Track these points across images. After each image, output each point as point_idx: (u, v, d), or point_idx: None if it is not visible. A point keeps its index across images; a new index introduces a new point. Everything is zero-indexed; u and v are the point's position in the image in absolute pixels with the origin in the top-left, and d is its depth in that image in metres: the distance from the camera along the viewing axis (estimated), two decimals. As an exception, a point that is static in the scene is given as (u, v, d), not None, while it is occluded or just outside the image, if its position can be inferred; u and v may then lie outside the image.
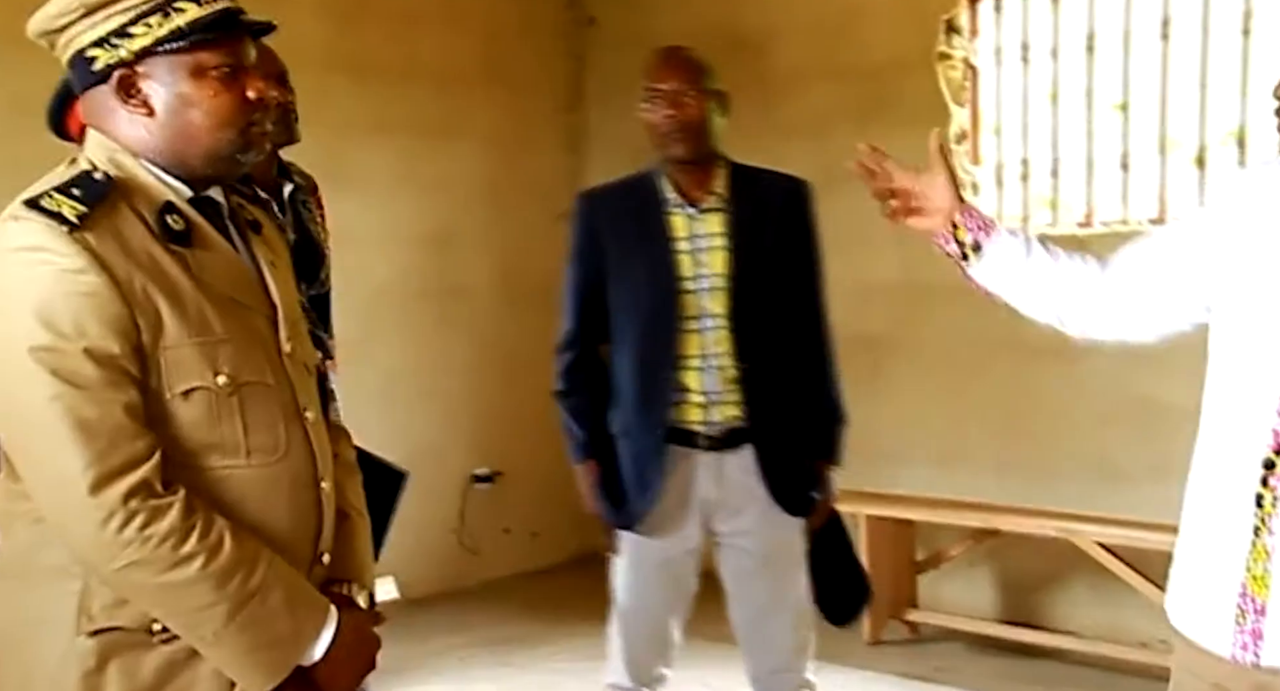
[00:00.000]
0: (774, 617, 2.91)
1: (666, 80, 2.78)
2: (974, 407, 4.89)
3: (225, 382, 1.59)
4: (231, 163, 1.67)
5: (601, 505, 2.91)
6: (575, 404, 2.94)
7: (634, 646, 2.94)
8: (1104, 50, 4.53)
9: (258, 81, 1.66)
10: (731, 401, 2.80)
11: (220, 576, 1.54)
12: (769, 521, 2.85)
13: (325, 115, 5.04)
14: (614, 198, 2.95)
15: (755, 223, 2.83)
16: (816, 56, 5.25)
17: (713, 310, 2.79)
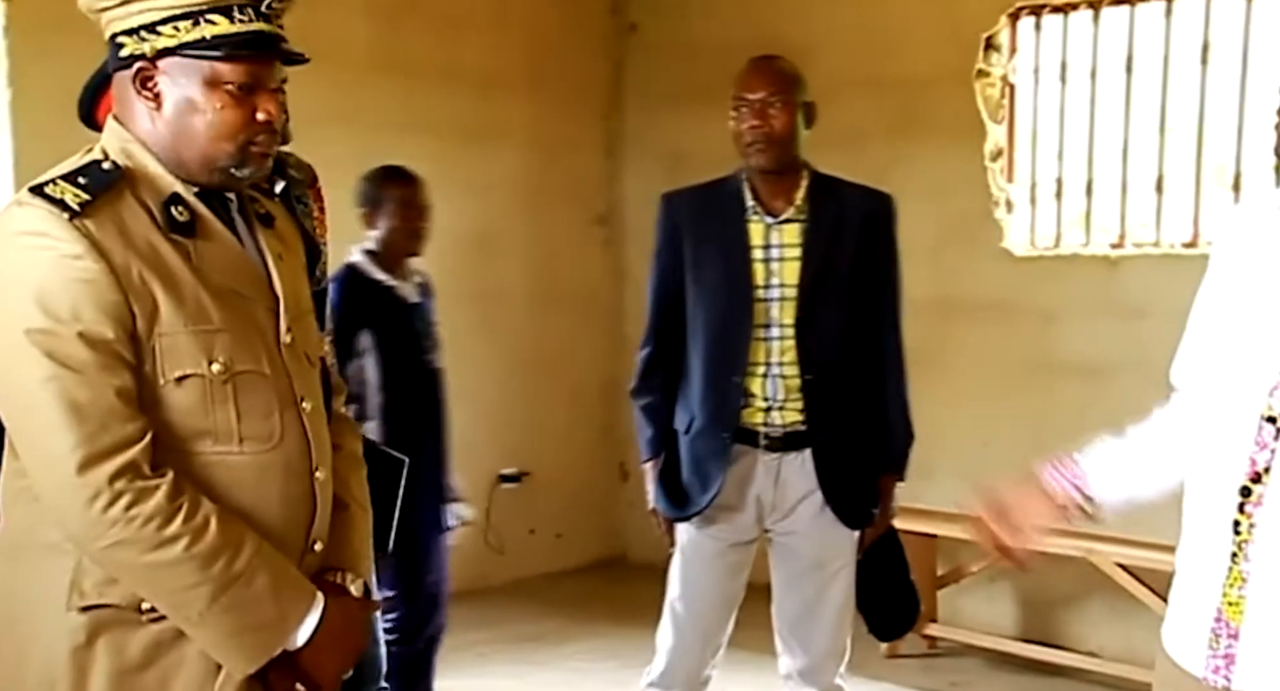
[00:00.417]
0: (815, 620, 2.94)
1: (754, 90, 2.80)
2: (1001, 425, 4.90)
3: (219, 370, 1.63)
4: (226, 175, 1.69)
5: (661, 500, 2.95)
6: (648, 402, 2.99)
7: (686, 645, 2.97)
8: (1142, 71, 4.53)
9: (271, 104, 1.68)
10: (793, 407, 2.84)
11: (204, 558, 1.58)
12: (820, 526, 2.89)
13: (366, 115, 5.12)
14: (696, 201, 2.97)
15: (832, 235, 2.84)
16: (854, 68, 5.26)
17: (781, 320, 2.82)
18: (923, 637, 4.78)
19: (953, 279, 5.05)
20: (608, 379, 5.96)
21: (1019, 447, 4.82)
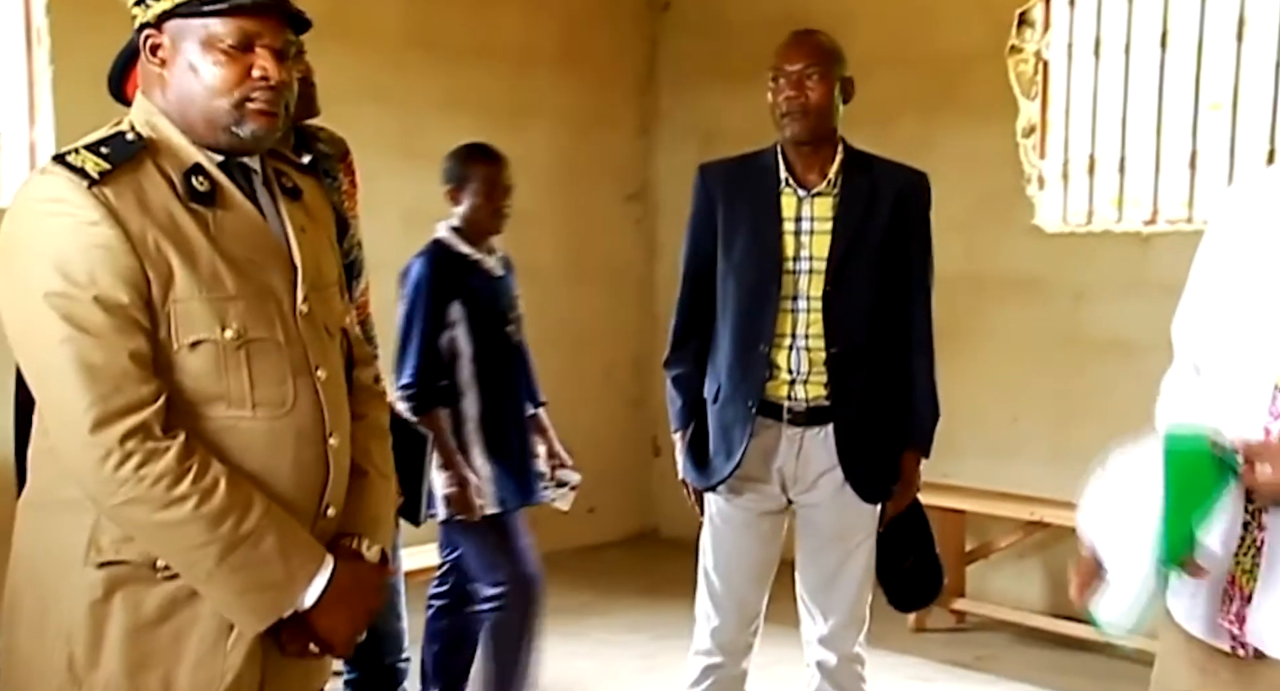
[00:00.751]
0: (835, 590, 2.97)
1: (793, 61, 2.82)
2: (1032, 400, 4.90)
3: (233, 337, 1.68)
4: (231, 136, 1.73)
5: (688, 467, 2.99)
6: (680, 372, 3.02)
7: (722, 612, 3.00)
8: (1177, 47, 4.51)
9: (269, 62, 1.71)
10: (817, 382, 2.86)
11: (212, 518, 1.63)
12: (841, 501, 2.91)
13: (401, 91, 5.17)
14: (731, 172, 2.99)
15: (864, 210, 2.86)
16: (886, 45, 5.25)
17: (809, 292, 2.84)
18: (950, 612, 4.81)
19: (984, 255, 5.05)
20: (640, 355, 6.00)
21: (1049, 425, 4.84)
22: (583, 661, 4.45)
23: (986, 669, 4.37)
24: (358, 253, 2.71)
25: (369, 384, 2.00)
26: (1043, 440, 4.82)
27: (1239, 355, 1.73)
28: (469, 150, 3.55)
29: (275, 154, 1.86)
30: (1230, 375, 1.74)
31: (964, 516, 4.83)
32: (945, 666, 4.38)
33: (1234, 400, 1.72)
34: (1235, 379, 1.73)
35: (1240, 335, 1.74)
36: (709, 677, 3.01)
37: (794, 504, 2.97)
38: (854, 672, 3.01)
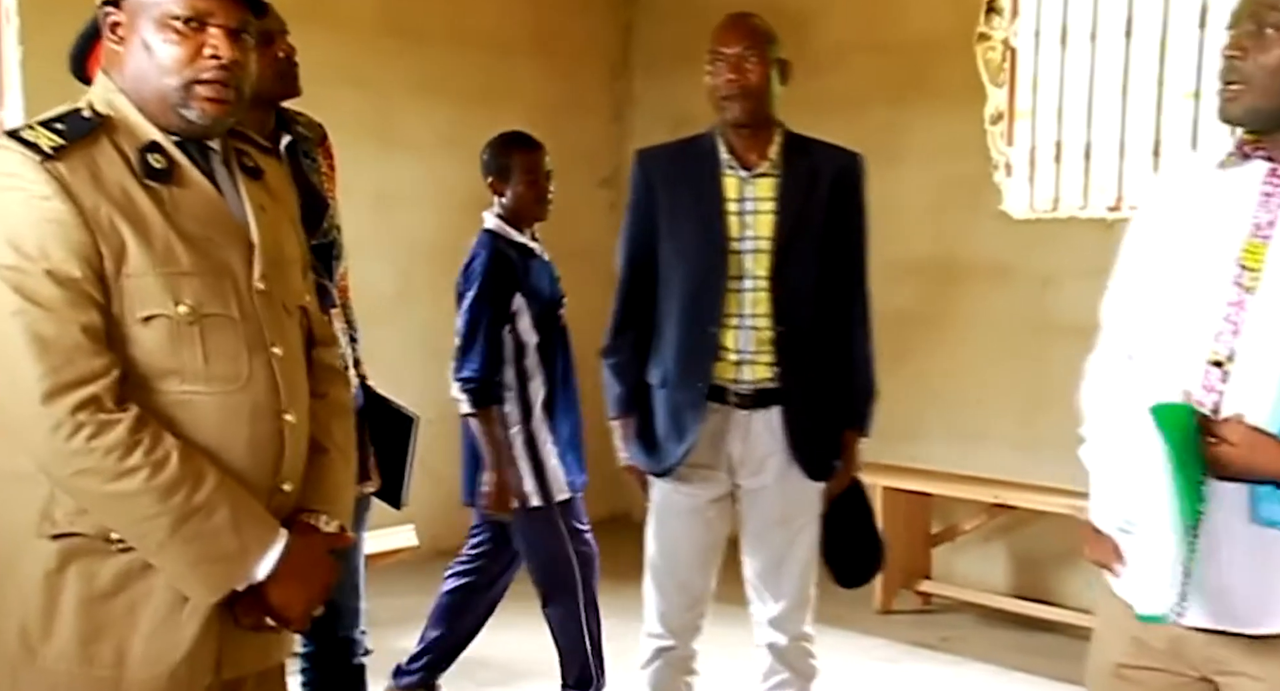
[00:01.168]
0: (782, 573, 3.00)
1: (730, 44, 2.85)
2: (998, 385, 4.96)
3: (186, 312, 1.70)
4: (179, 117, 1.74)
5: (638, 453, 3.01)
6: (619, 360, 3.03)
7: (666, 595, 3.04)
8: (1141, 35, 4.56)
9: (222, 43, 1.73)
10: (764, 362, 2.89)
11: (163, 490, 1.65)
12: (788, 481, 2.94)
13: (375, 77, 5.18)
14: (670, 157, 3.02)
15: (805, 190, 2.89)
16: (856, 32, 5.30)
17: (755, 272, 2.87)
18: (917, 594, 4.88)
19: (953, 241, 5.11)
20: (612, 339, 6.03)
21: (1015, 408, 4.90)
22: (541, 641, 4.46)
23: (952, 650, 4.43)
24: (337, 235, 2.73)
25: (330, 362, 2.02)
26: (1009, 424, 4.88)
27: (1171, 334, 1.79)
28: (508, 139, 3.60)
29: (236, 133, 1.88)
30: (1164, 353, 1.79)
31: (930, 499, 4.89)
32: (911, 647, 4.44)
33: (1168, 377, 1.77)
34: (1168, 357, 1.78)
35: (1172, 315, 1.79)
36: (659, 658, 3.05)
37: (740, 488, 2.99)
38: (804, 651, 3.04)
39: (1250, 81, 1.73)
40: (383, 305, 5.09)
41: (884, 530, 4.65)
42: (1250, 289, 1.72)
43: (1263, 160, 1.77)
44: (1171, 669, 1.83)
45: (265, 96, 2.54)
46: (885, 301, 5.23)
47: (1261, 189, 1.76)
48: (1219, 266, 1.75)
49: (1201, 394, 1.74)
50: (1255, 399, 1.70)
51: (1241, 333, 1.72)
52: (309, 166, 2.66)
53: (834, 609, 3.14)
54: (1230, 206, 1.77)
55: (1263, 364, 1.70)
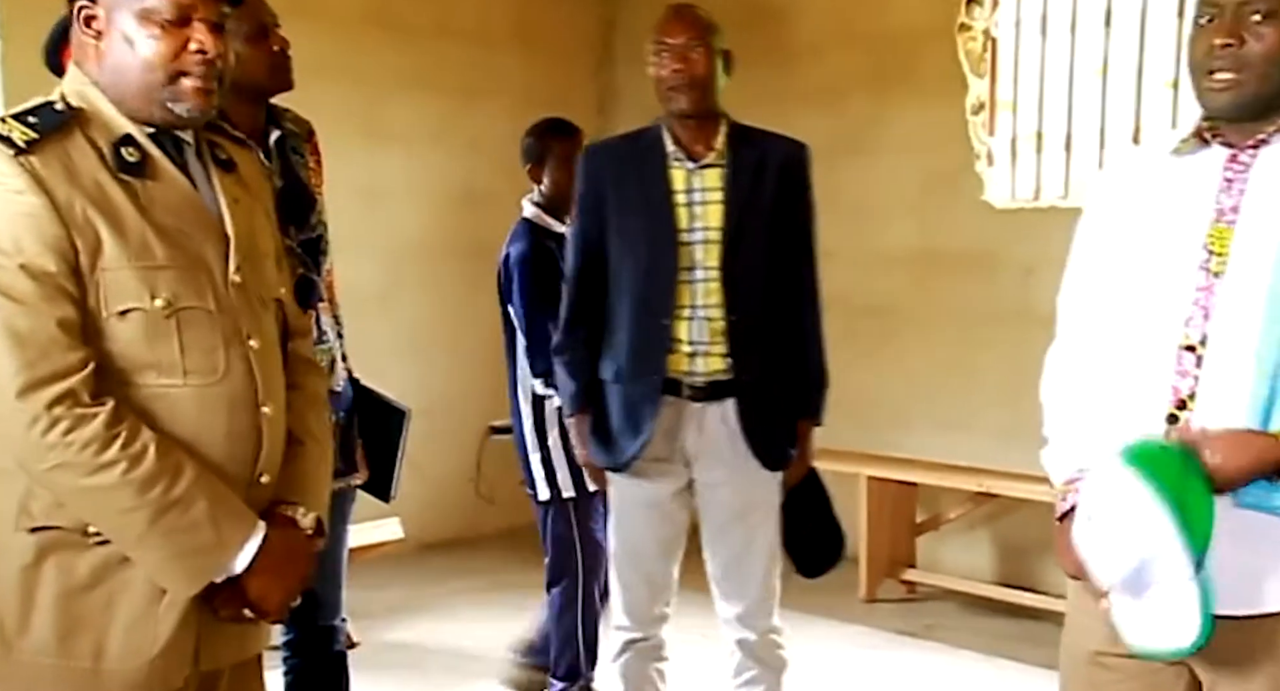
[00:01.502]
0: (745, 566, 3.01)
1: (675, 35, 2.85)
2: (980, 375, 4.98)
3: (162, 305, 1.70)
4: (164, 110, 1.75)
5: (596, 451, 3.01)
6: (571, 357, 3.03)
7: (630, 588, 3.06)
8: (1121, 25, 4.58)
9: (205, 36, 1.74)
10: (717, 353, 2.89)
11: (141, 484, 1.66)
12: (745, 474, 2.95)
13: (360, 71, 5.19)
14: (618, 151, 3.03)
15: (752, 180, 2.91)
16: (836, 24, 5.32)
17: (705, 262, 2.87)
18: (901, 583, 4.90)
19: (934, 231, 5.13)
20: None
21: (997, 397, 4.92)
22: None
23: (936, 638, 4.45)
24: (324, 231, 2.74)
25: (306, 354, 2.02)
26: (993, 412, 4.90)
27: (1140, 321, 1.80)
28: (546, 126, 3.59)
29: (210, 126, 1.88)
30: (1133, 341, 1.81)
31: (915, 488, 4.91)
32: (896, 636, 4.47)
33: (1141, 364, 1.79)
34: (1139, 344, 1.80)
35: (1139, 303, 1.81)
36: (629, 650, 3.07)
37: (696, 482, 3.00)
38: (773, 643, 3.04)
39: (1249, 69, 1.72)
40: (370, 300, 5.10)
41: (869, 520, 4.77)
42: (1218, 273, 1.74)
43: (1222, 146, 1.79)
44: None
45: (259, 89, 2.56)
46: (869, 292, 5.31)
47: (1223, 175, 1.78)
48: (1185, 253, 1.77)
49: (1175, 378, 1.75)
50: (1231, 381, 1.71)
51: (1212, 317, 1.74)
52: (297, 162, 2.67)
53: (819, 598, 3.15)
54: (1191, 193, 1.79)
55: (1236, 346, 1.71)
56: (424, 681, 4.09)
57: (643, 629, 3.06)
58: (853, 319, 5.32)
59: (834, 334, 3.02)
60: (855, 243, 5.28)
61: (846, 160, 5.21)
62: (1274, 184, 1.74)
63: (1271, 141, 1.76)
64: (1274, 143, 1.76)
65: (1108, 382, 1.85)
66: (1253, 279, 1.71)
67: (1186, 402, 1.75)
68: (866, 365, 5.30)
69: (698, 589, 3.16)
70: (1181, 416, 1.75)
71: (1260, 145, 1.76)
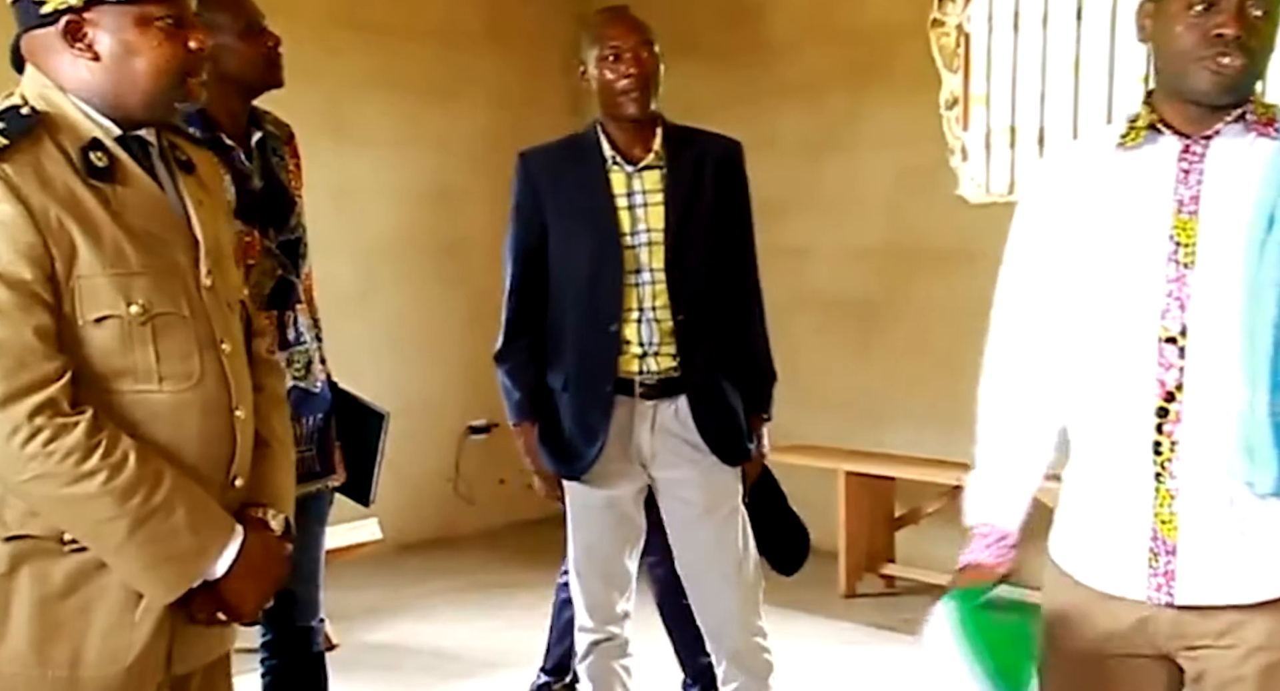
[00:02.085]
0: (716, 565, 2.99)
1: (628, 37, 2.83)
2: (958, 369, 4.95)
3: (138, 312, 1.69)
4: (168, 109, 1.78)
5: (547, 459, 2.99)
6: (514, 365, 3.00)
7: (594, 590, 3.04)
8: (1091, 19, 4.61)
9: (199, 33, 1.75)
10: (667, 353, 2.89)
11: (122, 492, 1.65)
12: (706, 471, 2.94)
13: (329, 70, 5.16)
14: (553, 156, 3.01)
15: (691, 180, 2.91)
16: (812, 20, 5.33)
17: (650, 264, 2.87)
18: (880, 577, 4.91)
19: (911, 226, 5.14)
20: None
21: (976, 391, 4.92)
22: (521, 631, 4.49)
23: (915, 632, 4.41)
24: (303, 233, 2.74)
25: (265, 355, 2.02)
26: (969, 406, 4.88)
27: (1113, 318, 1.80)
28: None
29: (169, 127, 1.87)
30: (1109, 338, 1.81)
31: (893, 483, 4.93)
32: (875, 630, 4.48)
33: (1120, 361, 1.79)
34: (1116, 341, 1.80)
35: (1109, 299, 1.81)
36: (593, 651, 3.06)
37: (657, 481, 2.98)
38: (758, 647, 3.02)
39: (1250, 60, 1.73)
40: (344, 300, 5.07)
41: (847, 515, 4.77)
42: (1187, 264, 1.75)
43: (1172, 137, 1.79)
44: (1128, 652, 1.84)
45: (252, 86, 2.57)
46: (846, 287, 5.32)
47: (1179, 166, 1.78)
48: (1150, 246, 1.77)
49: (1160, 371, 1.76)
50: (1217, 370, 1.72)
51: (1189, 307, 1.74)
52: (278, 164, 2.67)
53: (798, 594, 3.16)
54: (1148, 185, 1.79)
55: (1218, 334, 1.72)
56: (402, 682, 4.08)
57: (606, 628, 3.05)
58: (829, 314, 5.34)
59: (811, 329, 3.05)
60: (832, 238, 5.29)
61: (824, 156, 5.22)
62: (1230, 173, 1.75)
63: (1223, 132, 1.77)
64: (1224, 133, 1.77)
65: (1088, 382, 1.85)
66: (1225, 267, 1.72)
67: (1174, 394, 1.75)
68: (843, 360, 5.31)
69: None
70: (1171, 408, 1.76)
71: (1213, 136, 1.77)
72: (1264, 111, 1.77)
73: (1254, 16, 1.71)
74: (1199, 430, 1.74)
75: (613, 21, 2.88)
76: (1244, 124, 1.76)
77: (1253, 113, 1.76)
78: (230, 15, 2.51)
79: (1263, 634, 1.76)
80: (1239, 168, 1.75)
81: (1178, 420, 1.75)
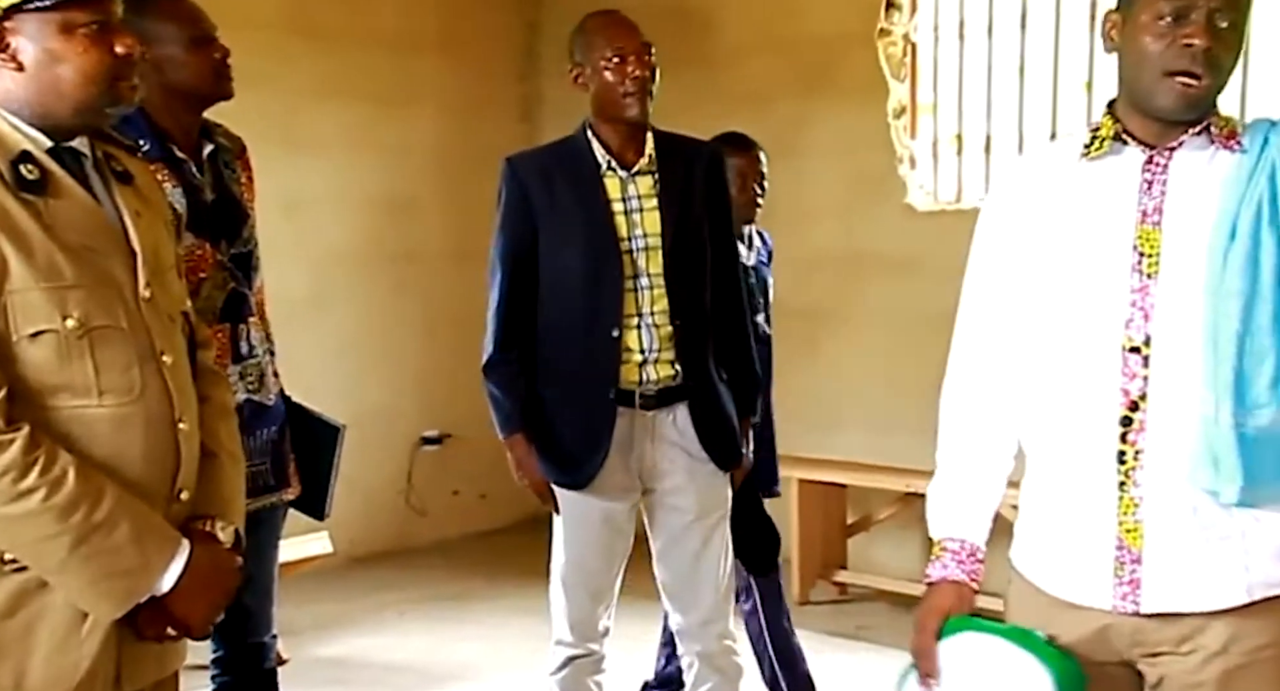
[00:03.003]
0: (701, 571, 2.99)
1: (631, 40, 2.82)
2: (907, 376, 5.02)
3: (74, 326, 1.67)
4: (99, 115, 1.75)
5: (549, 470, 2.93)
6: (505, 376, 2.94)
7: (579, 604, 3.00)
8: (1036, 30, 4.66)
9: (126, 38, 1.73)
10: (666, 359, 2.88)
11: (62, 509, 1.63)
12: (701, 477, 2.94)
13: (280, 79, 5.12)
14: (543, 161, 2.96)
15: (683, 185, 2.91)
16: (761, 30, 5.36)
17: (649, 269, 2.86)
18: (833, 584, 4.93)
19: (860, 234, 5.18)
20: (526, 340, 6.02)
21: (924, 398, 4.91)
22: (474, 643, 4.49)
23: (868, 638, 4.49)
24: (255, 246, 2.71)
25: (211, 366, 2.00)
26: (919, 413, 4.91)
27: (1078, 327, 1.81)
28: (722, 140, 3.47)
29: (104, 137, 1.84)
30: (1074, 347, 1.81)
31: (845, 490, 4.95)
32: (828, 637, 4.48)
33: (1084, 370, 1.80)
34: (1080, 350, 1.80)
35: (1073, 309, 1.82)
36: (569, 666, 3.03)
37: (651, 493, 2.97)
38: (729, 650, 3.03)
39: (1215, 73, 1.74)
40: (296, 310, 5.03)
41: (800, 522, 4.79)
42: (1151, 274, 1.76)
43: (1136, 148, 1.81)
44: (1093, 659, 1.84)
45: (201, 97, 2.53)
46: (796, 295, 5.33)
47: (1142, 177, 1.80)
48: (1114, 256, 1.78)
49: (1124, 381, 1.77)
50: (1181, 379, 1.74)
51: (1153, 317, 1.76)
52: (230, 177, 2.65)
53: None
54: (1112, 195, 1.81)
55: (1182, 343, 1.74)
56: (355, 696, 4.05)
57: (586, 644, 3.02)
58: (781, 321, 5.32)
59: (761, 336, 3.08)
60: (783, 245, 5.27)
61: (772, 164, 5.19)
62: (1193, 185, 1.77)
63: (1186, 144, 1.79)
64: (1187, 144, 1.79)
65: (1051, 391, 1.85)
66: (1188, 277, 1.74)
67: (1139, 403, 1.76)
68: (795, 367, 5.31)
69: (637, 597, 3.16)
70: (1135, 418, 1.76)
71: (1177, 148, 1.79)
72: (1225, 124, 1.79)
73: (1221, 28, 1.73)
74: (1163, 439, 1.75)
75: (615, 24, 2.86)
76: (1207, 136, 1.78)
77: (1215, 126, 1.78)
78: (177, 26, 2.48)
79: (1221, 639, 1.78)
80: (1201, 179, 1.77)
81: (1142, 429, 1.76)
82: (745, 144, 3.53)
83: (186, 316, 1.92)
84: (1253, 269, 1.70)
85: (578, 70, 2.87)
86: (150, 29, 2.34)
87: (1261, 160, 1.73)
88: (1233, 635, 1.78)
